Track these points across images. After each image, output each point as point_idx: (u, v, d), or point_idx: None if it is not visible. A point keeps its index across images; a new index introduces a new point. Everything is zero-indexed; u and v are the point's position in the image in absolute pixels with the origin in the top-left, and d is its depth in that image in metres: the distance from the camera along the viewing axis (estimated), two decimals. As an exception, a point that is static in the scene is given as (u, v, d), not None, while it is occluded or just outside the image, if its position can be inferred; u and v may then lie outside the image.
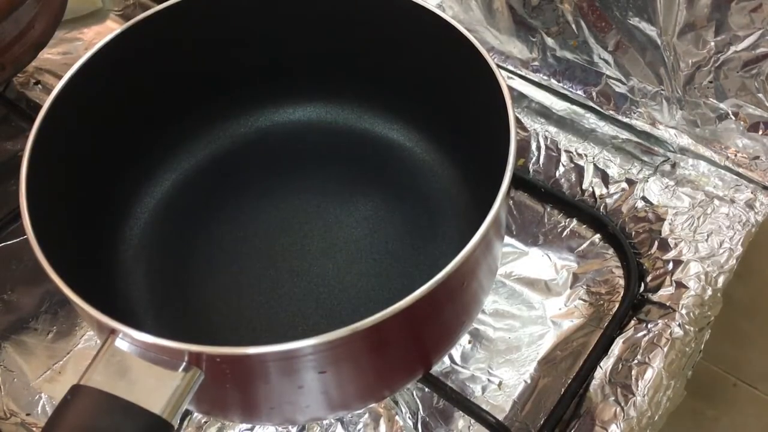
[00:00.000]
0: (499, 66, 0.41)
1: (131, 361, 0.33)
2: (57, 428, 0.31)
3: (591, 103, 0.60)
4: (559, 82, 0.60)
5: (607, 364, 0.46)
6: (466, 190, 0.50)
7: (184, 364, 0.33)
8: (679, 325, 0.47)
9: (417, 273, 0.47)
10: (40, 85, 0.66)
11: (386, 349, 0.37)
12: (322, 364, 0.35)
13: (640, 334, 0.47)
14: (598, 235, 0.53)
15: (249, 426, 0.46)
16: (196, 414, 0.46)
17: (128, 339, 0.33)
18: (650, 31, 0.52)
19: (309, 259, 0.48)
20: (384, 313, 0.32)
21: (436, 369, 0.48)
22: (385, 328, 0.33)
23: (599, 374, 0.46)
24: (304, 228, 0.50)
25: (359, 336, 0.32)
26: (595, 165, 0.56)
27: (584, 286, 0.51)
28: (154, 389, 0.32)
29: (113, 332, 0.33)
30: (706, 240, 0.51)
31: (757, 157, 0.54)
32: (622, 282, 0.51)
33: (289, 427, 0.46)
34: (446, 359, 0.48)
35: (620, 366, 0.46)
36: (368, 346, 0.35)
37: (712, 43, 0.50)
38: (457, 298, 0.39)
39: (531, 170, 0.57)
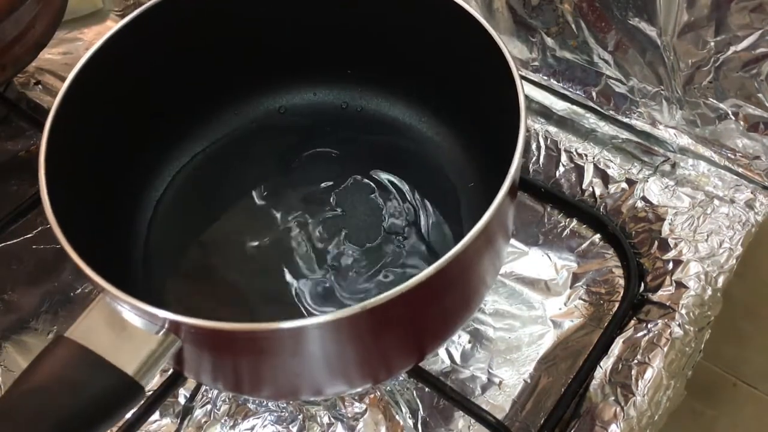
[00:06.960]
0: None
1: (115, 321, 0.34)
2: (33, 374, 0.33)
3: (591, 103, 0.60)
4: (559, 82, 0.60)
5: (607, 364, 0.47)
6: (479, 188, 0.50)
7: (164, 330, 0.34)
8: (679, 325, 0.47)
9: (422, 264, 0.47)
10: (40, 86, 0.66)
11: (385, 331, 0.38)
12: (296, 346, 0.35)
13: (640, 334, 0.47)
14: (598, 235, 0.53)
15: (249, 426, 0.47)
16: (196, 414, 0.47)
17: (115, 300, 0.34)
18: (650, 31, 0.52)
19: (317, 244, 0.49)
20: (386, 295, 0.32)
21: (437, 369, 0.48)
22: (387, 309, 0.33)
23: (599, 374, 0.46)
24: (312, 214, 0.50)
25: (354, 319, 0.33)
26: (595, 165, 0.57)
27: (584, 286, 0.51)
28: (131, 350, 0.34)
29: (103, 292, 0.34)
30: (706, 240, 0.51)
31: (757, 157, 0.54)
32: (622, 282, 0.51)
33: (289, 425, 0.46)
34: (446, 359, 0.48)
35: (620, 366, 0.46)
36: (367, 329, 0.36)
37: (712, 43, 0.50)
38: (460, 284, 0.39)
39: (531, 170, 0.57)
